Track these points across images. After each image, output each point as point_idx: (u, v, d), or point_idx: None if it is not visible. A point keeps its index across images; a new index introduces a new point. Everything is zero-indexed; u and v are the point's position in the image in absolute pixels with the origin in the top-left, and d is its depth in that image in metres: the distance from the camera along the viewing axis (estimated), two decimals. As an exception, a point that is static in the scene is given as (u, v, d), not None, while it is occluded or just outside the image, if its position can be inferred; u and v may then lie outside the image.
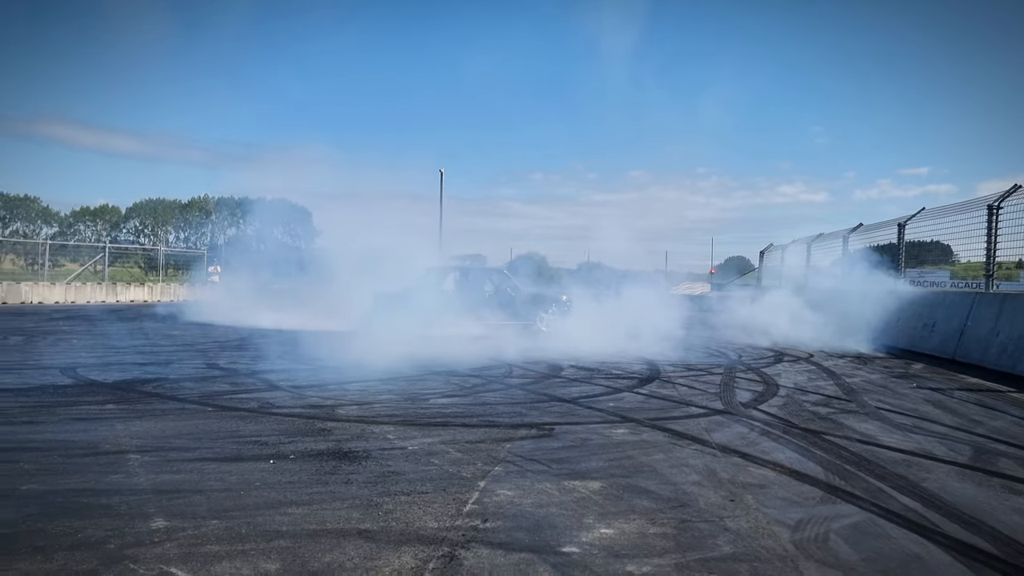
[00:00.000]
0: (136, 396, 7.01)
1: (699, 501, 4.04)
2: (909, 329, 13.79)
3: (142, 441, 5.19)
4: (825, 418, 6.62)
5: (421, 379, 8.61)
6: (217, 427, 5.71)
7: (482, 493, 4.10)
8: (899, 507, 3.99)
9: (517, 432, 5.75)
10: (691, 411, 6.86)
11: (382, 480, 4.33)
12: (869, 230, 18.25)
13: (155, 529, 3.43)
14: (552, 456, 5.00)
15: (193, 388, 7.53)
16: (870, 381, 9.19)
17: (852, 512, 3.90)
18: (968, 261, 15.96)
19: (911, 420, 6.62)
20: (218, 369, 8.97)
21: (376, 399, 7.15)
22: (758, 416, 6.66)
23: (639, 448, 5.29)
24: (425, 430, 5.76)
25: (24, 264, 34.48)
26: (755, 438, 5.72)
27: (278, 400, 6.97)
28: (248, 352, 10.93)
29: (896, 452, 5.32)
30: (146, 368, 8.91)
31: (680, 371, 9.79)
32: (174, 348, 11.29)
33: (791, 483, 4.45)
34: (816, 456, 5.14)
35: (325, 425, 5.86)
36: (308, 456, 4.86)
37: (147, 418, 6.00)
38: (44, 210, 67.58)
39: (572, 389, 8.02)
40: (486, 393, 7.65)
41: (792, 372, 9.94)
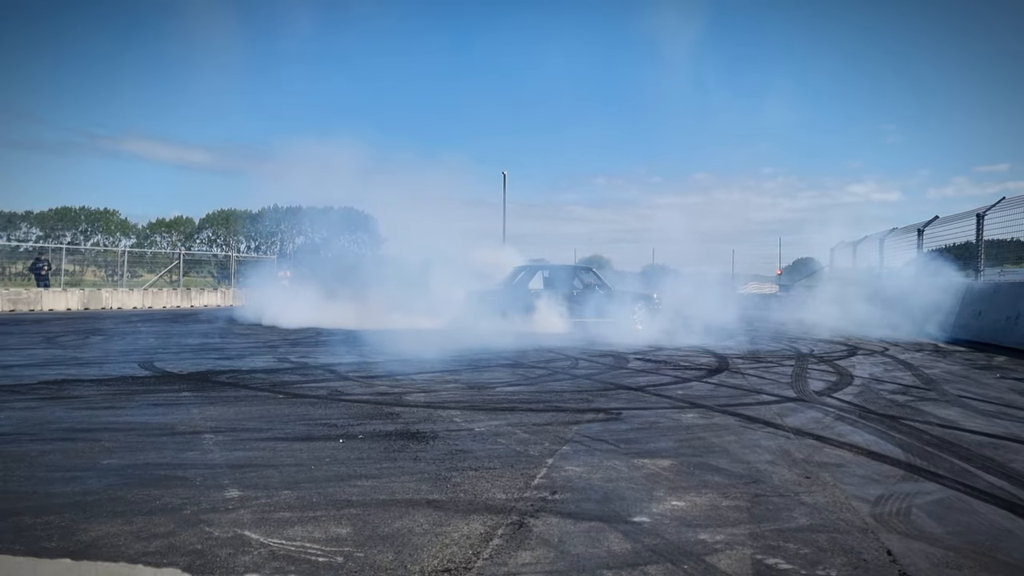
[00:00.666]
0: (210, 385, 7.21)
1: (773, 478, 3.93)
2: (991, 322, 13.22)
3: (216, 423, 5.32)
4: (903, 405, 6.38)
5: (488, 369, 8.63)
6: (288, 411, 5.82)
7: (550, 469, 4.07)
8: (985, 485, 3.81)
9: (584, 416, 5.71)
10: (762, 398, 6.70)
11: (450, 457, 4.34)
12: (945, 223, 17.60)
13: (229, 498, 3.51)
14: (620, 437, 4.94)
15: (264, 378, 7.71)
16: (950, 372, 8.83)
17: (935, 489, 3.74)
18: (1053, 259, 15.25)
19: (996, 407, 6.33)
20: (288, 363, 9.16)
21: (443, 387, 7.19)
22: (832, 403, 6.46)
23: (709, 430, 5.18)
24: (491, 414, 5.77)
25: (104, 275, 35.93)
26: (830, 422, 5.55)
27: (347, 388, 7.07)
28: (319, 348, 11.13)
29: (981, 435, 5.09)
30: (219, 362, 9.15)
31: (749, 363, 9.58)
32: (246, 345, 11.58)
33: (869, 463, 4.30)
34: (895, 439, 4.96)
35: (393, 410, 5.91)
36: (377, 436, 4.91)
37: (220, 404, 6.16)
38: (123, 223, 70.43)
39: (639, 379, 7.93)
40: (552, 382, 7.62)
41: (867, 364, 9.62)
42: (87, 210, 68.96)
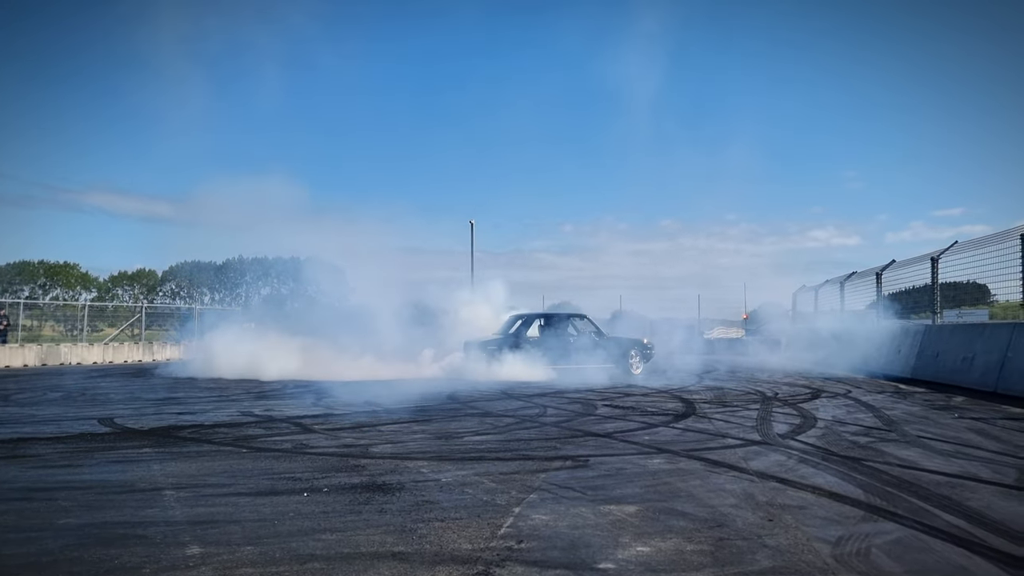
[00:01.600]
0: (171, 441, 7.09)
1: (737, 521, 3.97)
2: (949, 363, 13.51)
3: (177, 479, 5.23)
4: (865, 447, 6.49)
5: (455, 419, 8.60)
6: (251, 466, 5.75)
7: (516, 518, 4.07)
8: (943, 524, 3.89)
9: (552, 464, 5.71)
10: (728, 442, 6.76)
11: (416, 508, 4.32)
12: (902, 266, 18.06)
13: (190, 555, 3.45)
14: (587, 484, 4.95)
15: (228, 432, 7.60)
16: (910, 413, 8.99)
17: (894, 529, 3.81)
18: (1007, 301, 15.68)
19: (953, 447, 6.46)
20: (252, 416, 9.03)
21: (410, 438, 7.15)
22: (796, 446, 6.55)
23: (675, 475, 5.22)
24: (459, 464, 5.75)
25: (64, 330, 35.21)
26: (793, 465, 5.62)
27: (312, 441, 7.00)
28: (283, 400, 10.99)
29: (939, 475, 5.19)
30: (181, 416, 9.00)
31: (716, 407, 9.67)
32: (209, 399, 11.39)
33: (831, 504, 4.36)
34: (856, 480, 5.04)
35: (359, 462, 5.87)
36: (342, 489, 4.86)
37: (182, 459, 6.06)
38: (83, 276, 69.32)
39: (607, 425, 7.95)
40: (520, 431, 7.61)
41: (830, 406, 9.76)
42: (46, 264, 67.82)
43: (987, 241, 13.71)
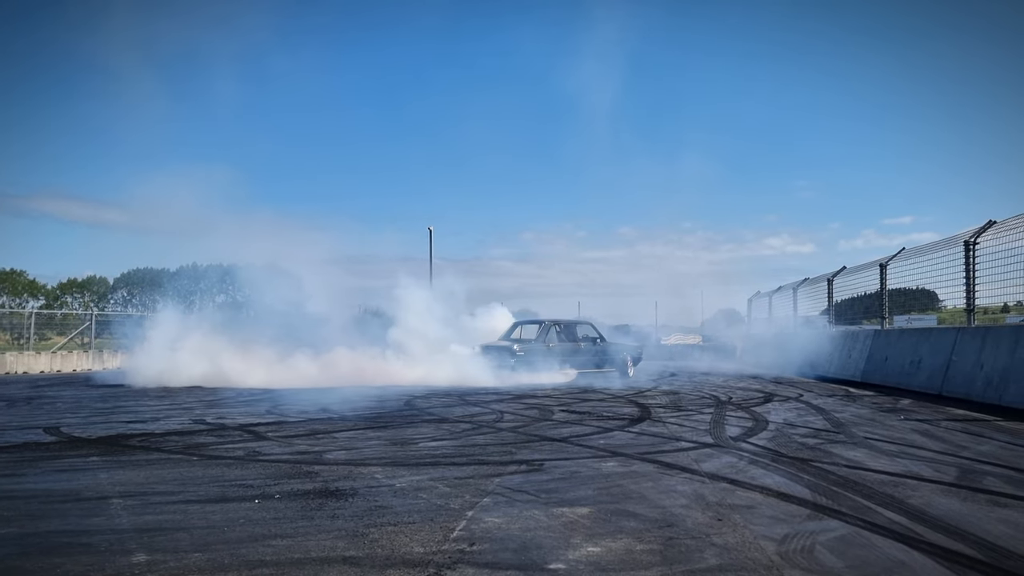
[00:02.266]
0: (120, 449, 6.94)
1: (686, 521, 4.03)
2: (896, 367, 13.87)
3: (124, 488, 5.13)
4: (814, 448, 6.63)
5: (412, 425, 8.57)
6: (201, 473, 5.66)
7: (469, 521, 4.08)
8: (885, 521, 4.00)
9: (506, 468, 5.73)
10: (681, 445, 6.85)
11: (368, 513, 4.30)
12: (852, 272, 18.50)
13: (136, 563, 3.39)
14: (541, 488, 4.98)
15: (178, 440, 7.46)
16: (859, 415, 9.21)
17: (838, 527, 3.91)
18: (954, 307, 16.17)
19: (898, 447, 6.64)
20: (204, 424, 8.88)
21: (365, 444, 7.11)
22: (747, 448, 6.66)
23: (628, 478, 5.28)
24: (413, 469, 5.73)
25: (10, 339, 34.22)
26: (744, 466, 5.72)
27: (265, 448, 6.91)
28: (236, 408, 10.83)
29: (883, 474, 5.33)
30: (131, 425, 8.81)
31: (671, 411, 9.78)
32: (160, 407, 11.17)
33: (778, 503, 4.45)
34: (804, 480, 5.15)
35: (312, 469, 5.81)
36: (294, 495, 4.82)
37: (130, 468, 5.94)
38: (30, 283, 67.39)
39: (563, 430, 8.00)
40: (476, 436, 7.62)
41: (782, 410, 9.95)
42: (-9, 271, 65.85)
43: (933, 248, 14.12)
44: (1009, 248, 11.32)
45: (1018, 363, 9.92)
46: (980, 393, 10.57)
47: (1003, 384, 10.08)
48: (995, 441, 6.99)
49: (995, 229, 11.71)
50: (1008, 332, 10.63)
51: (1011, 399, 9.74)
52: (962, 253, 12.34)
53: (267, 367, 17.80)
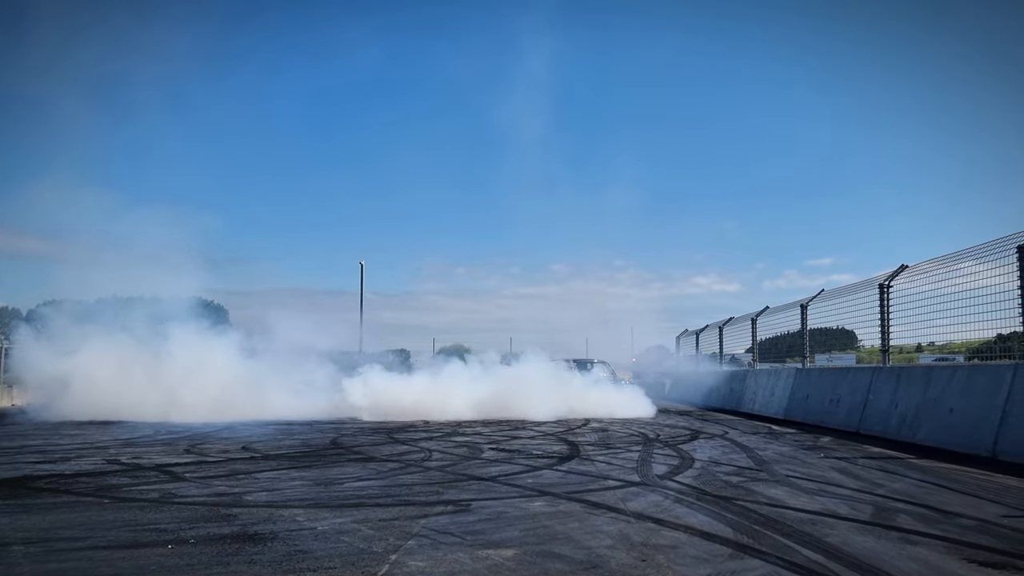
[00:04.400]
0: (25, 492, 6.57)
1: (611, 562, 4.03)
2: (817, 405, 14.28)
3: (28, 534, 4.85)
4: (737, 486, 6.74)
5: (337, 464, 8.38)
6: (112, 517, 5.40)
7: (392, 565, 3.99)
8: (803, 560, 4.08)
9: (433, 509, 5.65)
10: (608, 484, 6.88)
11: (288, 559, 4.16)
12: (775, 312, 19.06)
13: (36, 616, 3.20)
14: (467, 529, 4.92)
15: (89, 482, 7.12)
16: (781, 453, 9.43)
17: (758, 566, 3.97)
18: (872, 346, 16.82)
19: (817, 485, 6.80)
20: (119, 464, 8.50)
21: (288, 485, 6.92)
22: (673, 486, 6.73)
23: (555, 518, 5.26)
24: (337, 511, 5.59)
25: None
26: (669, 505, 5.77)
27: (182, 490, 6.65)
28: (155, 447, 10.41)
29: (802, 512, 5.45)
30: (38, 466, 8.37)
31: (599, 449, 9.83)
32: (72, 446, 10.65)
33: (702, 543, 4.50)
34: (727, 519, 5.22)
35: (230, 511, 5.61)
36: (210, 540, 4.64)
37: (35, 512, 5.63)
38: (-67, 313, 63.88)
39: (491, 469, 7.94)
40: (403, 475, 7.49)
41: (707, 447, 10.11)
42: None
43: (850, 290, 14.68)
44: (920, 291, 11.88)
45: (929, 403, 10.34)
46: (895, 431, 10.95)
47: (916, 422, 10.48)
48: (908, 479, 7.24)
49: (908, 272, 12.27)
50: (920, 372, 11.09)
51: (923, 437, 10.12)
52: (877, 295, 12.86)
53: (195, 401, 17.43)
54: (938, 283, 11.42)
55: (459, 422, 15.36)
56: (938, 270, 11.53)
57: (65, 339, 20.00)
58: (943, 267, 11.36)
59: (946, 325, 11.39)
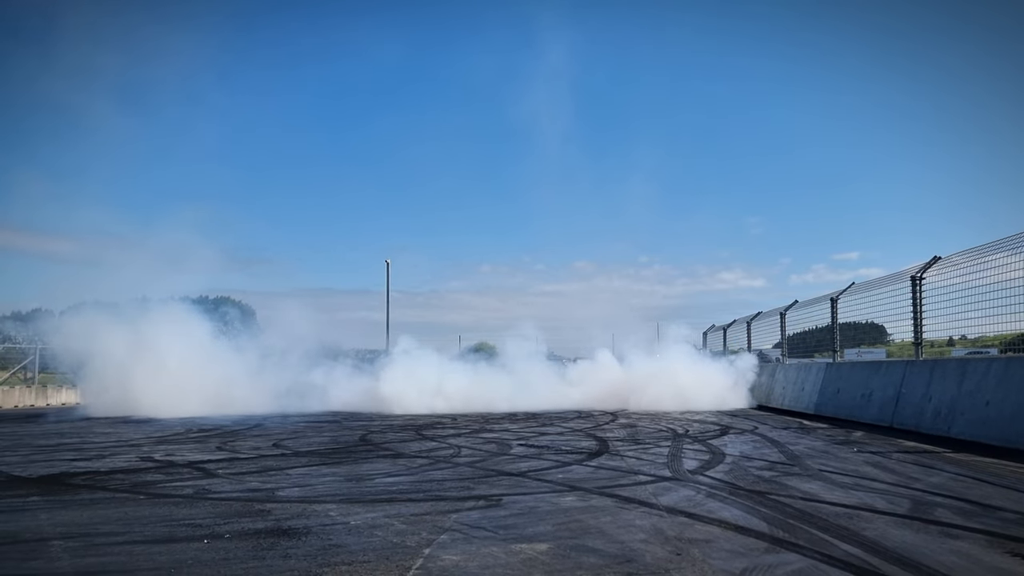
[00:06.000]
0: (62, 488, 6.68)
1: (646, 556, 4.00)
2: (848, 399, 14.09)
3: (67, 528, 4.93)
4: (770, 481, 6.67)
5: (367, 460, 8.42)
6: (148, 513, 5.46)
7: (426, 559, 3.99)
8: (841, 553, 4.02)
9: (464, 504, 5.65)
10: (639, 479, 6.84)
11: (322, 552, 4.19)
12: (804, 306, 18.82)
13: (78, 608, 3.24)
14: (499, 524, 4.91)
15: (124, 479, 7.22)
16: (813, 448, 9.31)
17: (796, 559, 3.91)
18: (902, 340, 16.56)
19: (852, 479, 6.71)
20: (152, 461, 8.61)
21: (319, 481, 6.96)
22: (705, 481, 6.68)
23: (587, 513, 5.23)
24: (369, 506, 5.61)
25: (-53, 373, 32.95)
26: (701, 500, 5.72)
27: (215, 486, 6.72)
28: (187, 445, 10.53)
29: (838, 507, 5.38)
30: (74, 463, 8.50)
31: (629, 445, 9.78)
32: (106, 444, 10.81)
33: (736, 537, 4.45)
34: (761, 513, 5.16)
35: (264, 507, 5.66)
36: (245, 535, 4.67)
37: (73, 508, 5.71)
38: (-28, 316, 65.15)
39: (521, 464, 7.93)
40: (433, 471, 7.51)
41: (738, 443, 10.02)
42: (-70, 302, 63.52)
43: (881, 283, 14.47)
44: (951, 283, 11.68)
45: (965, 395, 10.16)
46: (929, 425, 10.78)
47: (951, 416, 10.30)
48: (945, 473, 7.12)
49: (940, 265, 12.05)
50: (955, 365, 10.89)
51: (959, 431, 9.95)
52: (909, 288, 12.66)
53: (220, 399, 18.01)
54: (970, 275, 11.22)
55: (487, 418, 15.38)
56: (971, 262, 11.32)
57: (96, 339, 20.32)
58: (976, 259, 11.14)
59: (979, 318, 11.20)
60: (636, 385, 20.26)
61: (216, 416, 16.88)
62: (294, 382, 21.50)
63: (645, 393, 19.56)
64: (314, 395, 20.76)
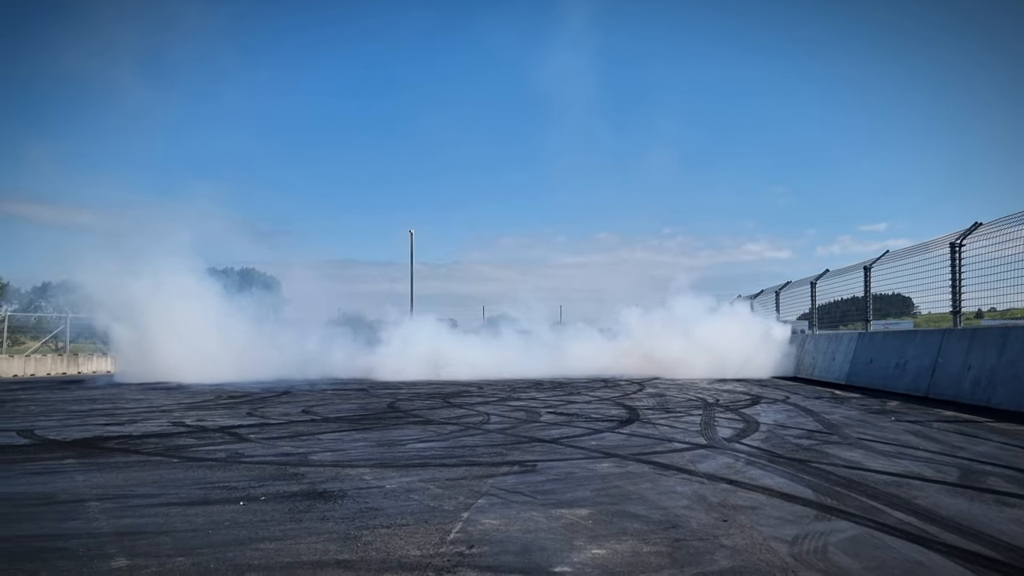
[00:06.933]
0: (97, 452, 6.70)
1: (691, 522, 3.89)
2: (881, 369, 13.85)
3: (103, 490, 4.92)
4: (809, 449, 6.52)
5: (397, 427, 8.39)
6: (183, 476, 5.44)
7: (466, 523, 3.91)
8: (894, 521, 3.88)
9: (499, 469, 5.57)
10: (674, 446, 6.72)
11: (360, 516, 4.12)
12: (835, 275, 18.52)
13: (116, 568, 3.20)
14: (537, 488, 4.82)
15: (157, 443, 7.23)
16: (849, 417, 9.14)
17: (848, 527, 3.78)
18: (929, 312, 16.23)
19: (894, 448, 6.54)
20: (184, 426, 8.64)
21: (351, 445, 6.93)
22: (742, 448, 6.54)
23: (625, 479, 5.13)
24: (403, 471, 5.55)
25: (-18, 342, 33.55)
26: (741, 467, 5.60)
27: (248, 450, 6.70)
28: (217, 411, 10.57)
29: (884, 475, 5.23)
30: (108, 428, 8.55)
31: (659, 413, 9.66)
32: (138, 409, 10.88)
33: (783, 504, 4.33)
34: (805, 480, 5.03)
35: (298, 470, 5.62)
36: (281, 497, 4.63)
37: (108, 470, 5.71)
38: (4, 287, 66.18)
39: (552, 431, 7.85)
40: (464, 437, 7.45)
41: (771, 412, 9.86)
42: (-37, 275, 64.56)
43: (916, 250, 14.13)
44: (986, 254, 11.40)
45: (1006, 365, 9.91)
46: (968, 395, 10.54)
47: (991, 386, 10.06)
48: (991, 442, 6.93)
49: (981, 231, 11.72)
50: (995, 334, 10.62)
51: (1000, 400, 9.72)
52: (947, 254, 12.35)
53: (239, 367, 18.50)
54: (1005, 244, 10.93)
55: (513, 387, 15.33)
56: (1004, 231, 11.00)
57: (124, 308, 20.56)
58: (1011, 227, 10.83)
59: (1011, 289, 10.94)
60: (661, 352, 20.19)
61: (244, 382, 17.02)
62: (317, 350, 21.78)
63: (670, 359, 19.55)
64: (336, 363, 20.99)
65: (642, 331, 21.90)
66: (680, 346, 19.74)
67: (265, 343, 20.82)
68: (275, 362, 19.79)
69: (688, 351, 19.53)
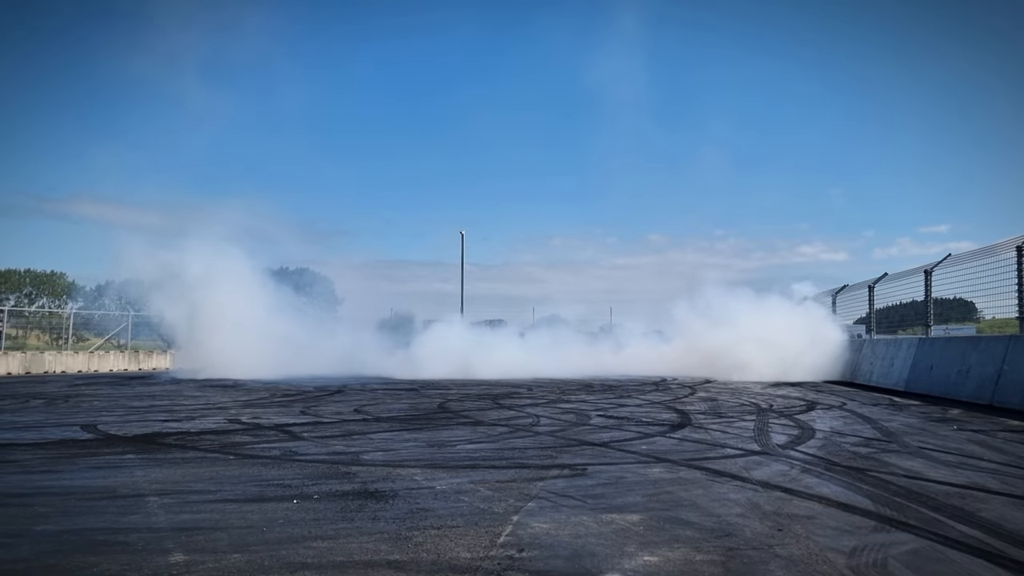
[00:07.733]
0: (156, 447, 6.88)
1: (745, 531, 3.82)
2: (943, 376, 13.43)
3: (161, 486, 5.05)
4: (867, 457, 6.35)
5: (447, 427, 8.44)
6: (238, 473, 5.56)
7: (516, 526, 3.91)
8: (958, 535, 3.75)
9: (549, 472, 5.55)
10: (727, 452, 6.62)
11: (411, 516, 4.15)
12: (895, 279, 18.03)
13: (174, 563, 3.27)
14: (587, 493, 4.79)
15: (214, 439, 7.39)
16: (908, 425, 8.88)
17: (908, 539, 3.67)
18: (993, 317, 15.69)
19: (957, 458, 6.34)
20: (240, 423, 8.82)
21: (402, 446, 6.99)
22: (797, 456, 6.41)
23: (676, 485, 5.07)
24: (453, 472, 5.58)
25: (49, 339, 34.78)
26: (796, 475, 5.48)
27: (302, 448, 6.81)
28: (271, 408, 10.77)
29: (946, 486, 5.06)
30: (166, 424, 8.78)
31: (711, 418, 9.52)
32: (195, 407, 11.15)
33: (840, 514, 4.22)
34: (863, 490, 4.90)
35: (350, 469, 5.69)
36: (333, 496, 4.69)
37: (167, 466, 5.86)
38: (70, 285, 68.49)
39: (603, 435, 7.80)
40: (514, 439, 7.45)
41: (827, 418, 9.64)
42: (32, 272, 66.93)
43: (980, 254, 13.68)
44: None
45: (1076, 373, 9.51)
46: (1035, 404, 10.15)
47: (1060, 395, 9.67)
48: (1059, 453, 6.66)
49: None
50: (1065, 341, 10.20)
51: (1069, 410, 9.34)
52: (1014, 258, 11.93)
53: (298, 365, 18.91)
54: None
55: (563, 389, 15.29)
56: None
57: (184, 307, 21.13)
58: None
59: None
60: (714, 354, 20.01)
61: (298, 379, 17.36)
62: (369, 349, 22.15)
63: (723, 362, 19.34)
64: (386, 362, 21.28)
65: (694, 333, 21.67)
66: (733, 346, 19.48)
67: (319, 342, 21.21)
68: (328, 360, 20.19)
69: (742, 352, 19.25)
